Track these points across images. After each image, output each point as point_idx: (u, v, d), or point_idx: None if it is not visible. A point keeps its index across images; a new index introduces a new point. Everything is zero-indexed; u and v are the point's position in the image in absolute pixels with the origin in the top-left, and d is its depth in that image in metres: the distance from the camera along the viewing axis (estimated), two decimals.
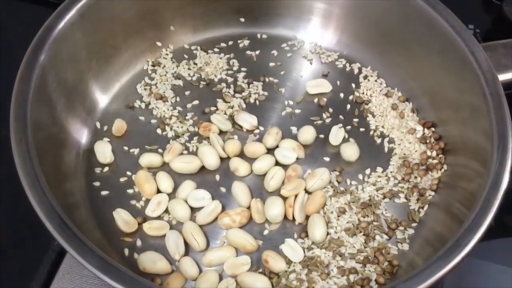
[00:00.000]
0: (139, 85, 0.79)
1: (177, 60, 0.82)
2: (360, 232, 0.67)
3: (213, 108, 0.78)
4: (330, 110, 0.78)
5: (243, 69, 0.82)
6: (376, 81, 0.81)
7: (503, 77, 0.68)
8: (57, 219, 0.55)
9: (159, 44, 0.82)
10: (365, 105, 0.78)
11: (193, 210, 0.68)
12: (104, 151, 0.72)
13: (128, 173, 0.71)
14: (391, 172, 0.72)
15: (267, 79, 0.81)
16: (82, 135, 0.73)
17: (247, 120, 0.76)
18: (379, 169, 0.73)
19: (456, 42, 0.70)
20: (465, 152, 0.69)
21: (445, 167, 0.71)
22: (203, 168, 0.72)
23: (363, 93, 0.80)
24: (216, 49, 0.83)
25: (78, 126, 0.73)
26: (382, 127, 0.77)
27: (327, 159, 0.74)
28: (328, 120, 0.77)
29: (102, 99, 0.77)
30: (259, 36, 0.85)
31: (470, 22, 0.90)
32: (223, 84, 0.80)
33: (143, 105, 0.77)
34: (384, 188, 0.71)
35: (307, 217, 0.68)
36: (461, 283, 0.68)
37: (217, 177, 0.72)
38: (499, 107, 0.64)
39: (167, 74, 0.80)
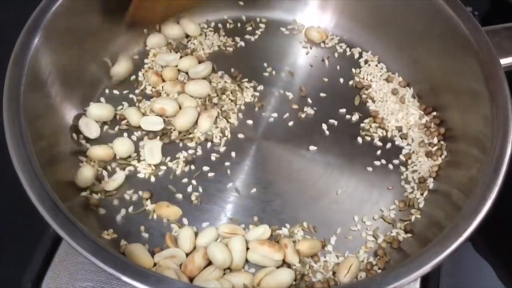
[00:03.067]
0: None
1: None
2: None
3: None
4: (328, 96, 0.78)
5: (242, 53, 0.81)
6: (376, 65, 0.80)
7: (505, 61, 0.67)
8: (51, 204, 0.54)
9: (157, 27, 0.81)
10: (365, 90, 0.78)
11: None
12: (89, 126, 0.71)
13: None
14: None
15: (265, 64, 0.80)
16: (77, 119, 0.71)
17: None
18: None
19: (457, 25, 0.69)
20: (465, 138, 0.68)
21: (445, 153, 0.70)
22: None
23: (363, 78, 0.79)
24: (214, 33, 0.82)
25: (73, 110, 0.72)
26: (382, 112, 0.76)
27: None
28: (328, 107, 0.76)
29: (98, 83, 0.75)
30: (258, 19, 0.84)
31: (468, 4, 0.87)
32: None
33: None
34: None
35: None
36: (459, 273, 0.68)
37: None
38: (500, 92, 0.63)
39: None
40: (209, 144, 0.72)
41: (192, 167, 0.70)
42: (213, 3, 0.83)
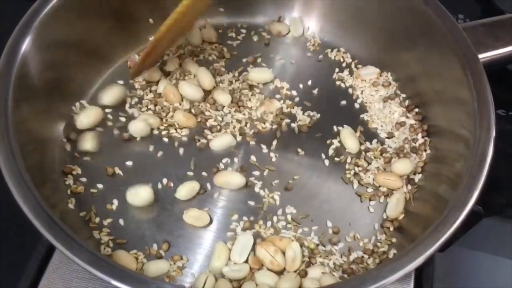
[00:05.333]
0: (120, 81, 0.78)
1: None
2: None
3: None
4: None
5: (225, 59, 0.81)
6: (358, 66, 0.81)
7: (483, 55, 0.69)
8: (45, 217, 0.54)
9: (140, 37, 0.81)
10: (350, 91, 0.79)
11: None
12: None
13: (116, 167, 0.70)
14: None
15: (250, 68, 0.80)
16: (67, 128, 0.72)
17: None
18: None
19: (434, 23, 0.70)
20: (449, 133, 0.69)
21: (428, 149, 0.72)
22: None
23: (346, 80, 0.80)
24: None
25: (63, 119, 0.72)
26: (366, 111, 0.77)
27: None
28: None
29: (86, 92, 0.76)
30: (239, 25, 0.84)
31: (459, 11, 0.90)
32: None
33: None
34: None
35: None
36: (453, 273, 0.68)
37: None
38: (480, 86, 0.64)
39: None
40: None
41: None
42: None
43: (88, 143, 0.71)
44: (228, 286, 0.61)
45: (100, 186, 0.69)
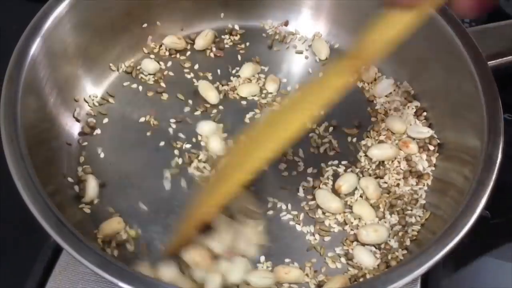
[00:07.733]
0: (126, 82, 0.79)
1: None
2: None
3: None
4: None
5: (232, 63, 0.81)
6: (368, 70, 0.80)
7: (490, 61, 0.68)
8: (54, 219, 0.54)
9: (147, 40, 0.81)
10: (364, 94, 0.79)
11: None
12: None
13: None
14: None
15: (258, 73, 0.80)
16: (75, 131, 0.73)
17: None
18: None
19: (442, 27, 0.70)
20: (457, 138, 0.70)
21: (436, 153, 0.72)
22: None
23: (365, 88, 0.80)
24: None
25: (70, 121, 0.72)
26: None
27: None
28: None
29: (94, 94, 0.76)
30: (247, 29, 0.84)
31: None
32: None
33: None
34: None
35: None
36: (459, 276, 0.69)
37: None
38: (490, 91, 0.64)
39: None
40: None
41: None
42: (201, 14, 0.83)
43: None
44: None
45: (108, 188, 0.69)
